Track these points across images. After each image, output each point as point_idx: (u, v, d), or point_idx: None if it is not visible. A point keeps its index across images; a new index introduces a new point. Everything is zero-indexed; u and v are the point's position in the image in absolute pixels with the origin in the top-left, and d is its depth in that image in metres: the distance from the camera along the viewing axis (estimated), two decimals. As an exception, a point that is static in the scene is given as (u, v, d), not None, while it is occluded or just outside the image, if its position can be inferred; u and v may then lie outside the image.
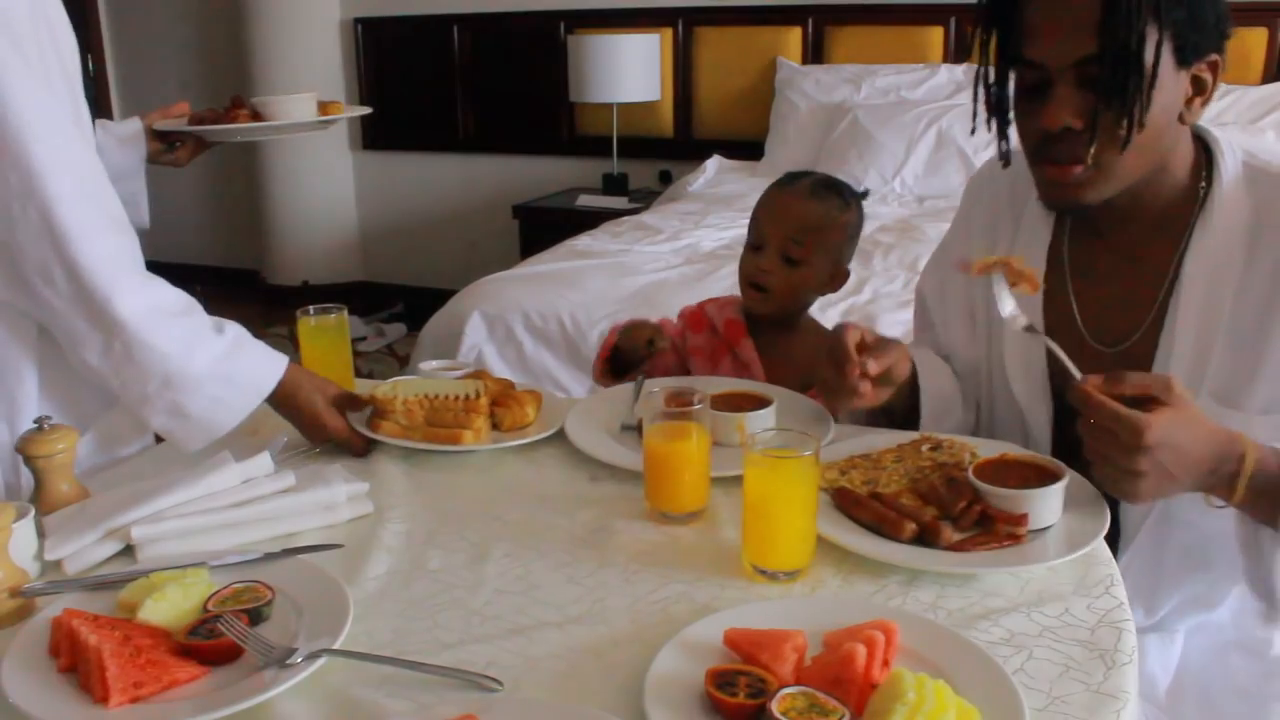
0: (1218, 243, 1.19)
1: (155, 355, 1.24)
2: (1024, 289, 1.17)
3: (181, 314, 1.28)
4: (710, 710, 0.82)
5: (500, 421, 1.39)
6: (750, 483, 1.04)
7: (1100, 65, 1.09)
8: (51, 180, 1.19)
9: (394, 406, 1.35)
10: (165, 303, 1.28)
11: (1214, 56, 1.14)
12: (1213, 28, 1.12)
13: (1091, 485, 1.14)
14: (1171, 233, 1.23)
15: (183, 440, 1.30)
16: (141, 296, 1.24)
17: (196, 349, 1.27)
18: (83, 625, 0.88)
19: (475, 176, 5.01)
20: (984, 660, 0.87)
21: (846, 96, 4.03)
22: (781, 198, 1.64)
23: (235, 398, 1.30)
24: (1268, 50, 3.67)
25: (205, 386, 1.27)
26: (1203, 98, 1.15)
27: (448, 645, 0.94)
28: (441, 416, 1.35)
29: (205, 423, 1.29)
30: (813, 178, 1.66)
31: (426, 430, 1.35)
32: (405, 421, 1.35)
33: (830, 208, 1.61)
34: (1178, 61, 1.11)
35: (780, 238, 1.60)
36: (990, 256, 1.19)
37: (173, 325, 1.26)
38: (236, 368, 1.30)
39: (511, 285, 2.89)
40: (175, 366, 1.25)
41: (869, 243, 3.11)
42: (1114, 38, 1.08)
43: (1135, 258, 1.26)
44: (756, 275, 1.62)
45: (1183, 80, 1.13)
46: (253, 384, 1.31)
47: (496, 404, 1.39)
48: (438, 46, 4.92)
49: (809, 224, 1.60)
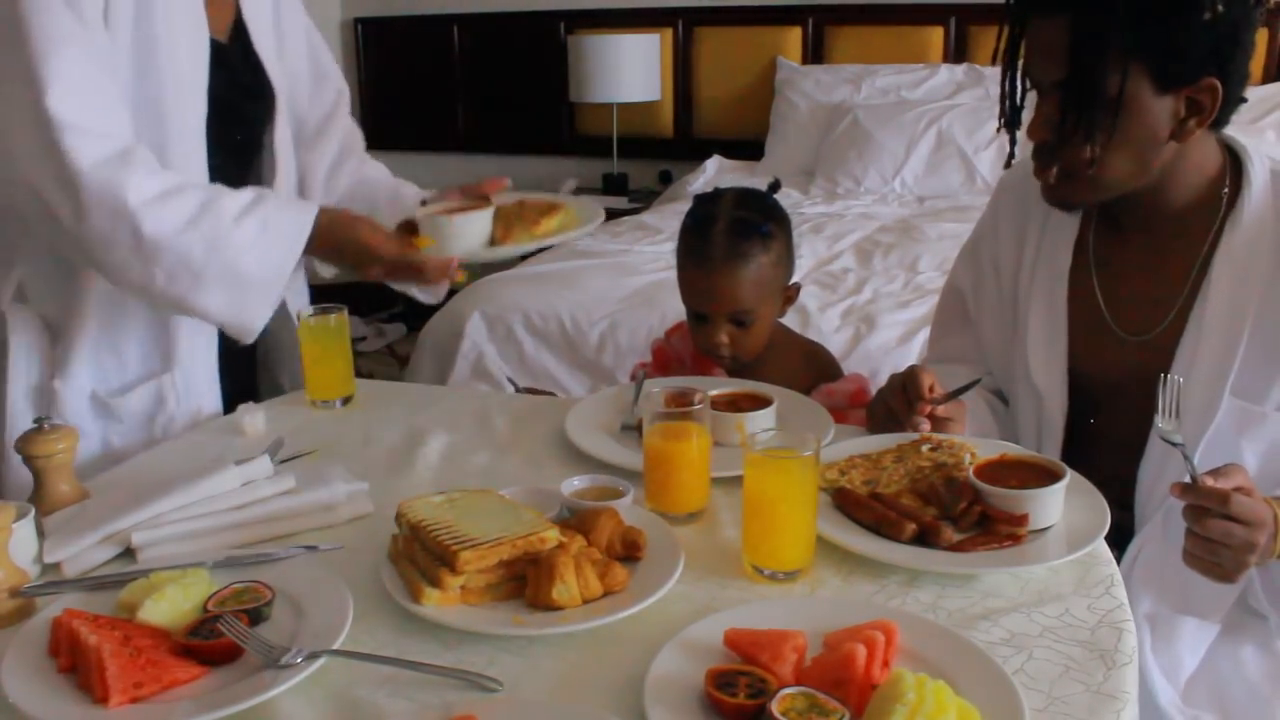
0: (1245, 247, 1.25)
1: (185, 223, 1.29)
2: None
3: (192, 186, 1.33)
4: (710, 710, 0.82)
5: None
6: (750, 483, 1.04)
7: (1066, 90, 1.18)
8: (54, 89, 1.24)
9: (461, 565, 0.95)
10: (171, 183, 1.32)
11: (1209, 80, 1.18)
12: (1206, 55, 1.16)
13: (1091, 485, 1.15)
14: (1197, 233, 1.29)
15: (248, 317, 1.36)
16: (150, 183, 1.29)
17: (225, 201, 1.32)
18: (83, 625, 0.88)
19: (475, 176, 4.96)
20: (984, 660, 0.87)
21: (846, 96, 4.03)
22: (701, 276, 1.56)
23: (279, 246, 1.34)
24: (1268, 50, 3.68)
25: (250, 235, 1.31)
26: (1199, 119, 1.20)
27: (448, 645, 0.94)
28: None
29: (263, 280, 1.34)
30: (722, 229, 1.54)
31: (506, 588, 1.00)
32: (480, 583, 0.98)
33: (753, 259, 1.53)
34: (1159, 88, 1.18)
35: (720, 313, 1.56)
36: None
37: (189, 195, 1.31)
38: (269, 214, 1.34)
39: (511, 285, 2.89)
40: (208, 226, 1.29)
41: (869, 243, 3.11)
42: (1079, 65, 1.17)
43: (1159, 254, 1.31)
44: (716, 349, 1.58)
45: (1168, 104, 1.19)
46: (295, 225, 1.35)
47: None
48: (437, 46, 4.92)
49: (742, 292, 1.54)
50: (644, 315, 2.61)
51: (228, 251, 1.32)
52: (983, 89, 3.84)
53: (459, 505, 1.05)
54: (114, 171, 1.27)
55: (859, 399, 1.58)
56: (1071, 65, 1.17)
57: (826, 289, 2.71)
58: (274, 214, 1.36)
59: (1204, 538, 1.06)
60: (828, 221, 3.34)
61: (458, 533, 0.98)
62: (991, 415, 1.46)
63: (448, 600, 0.96)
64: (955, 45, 4.11)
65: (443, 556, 0.96)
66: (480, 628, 0.94)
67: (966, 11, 4.05)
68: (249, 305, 1.37)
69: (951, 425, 1.29)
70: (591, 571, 0.97)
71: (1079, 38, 1.16)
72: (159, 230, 1.29)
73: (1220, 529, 1.05)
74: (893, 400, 1.29)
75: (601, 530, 1.04)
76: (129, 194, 1.27)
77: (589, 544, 1.02)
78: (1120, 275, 1.35)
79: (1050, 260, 1.40)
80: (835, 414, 1.44)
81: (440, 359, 2.70)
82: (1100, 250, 1.37)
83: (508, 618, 0.95)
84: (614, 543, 1.04)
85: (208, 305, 1.35)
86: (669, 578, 0.99)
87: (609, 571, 0.99)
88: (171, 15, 1.39)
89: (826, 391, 1.59)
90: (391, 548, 1.04)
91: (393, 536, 1.05)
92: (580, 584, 0.96)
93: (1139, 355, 1.32)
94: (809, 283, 2.68)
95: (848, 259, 2.99)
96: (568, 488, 1.15)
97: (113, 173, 1.27)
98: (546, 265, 3.06)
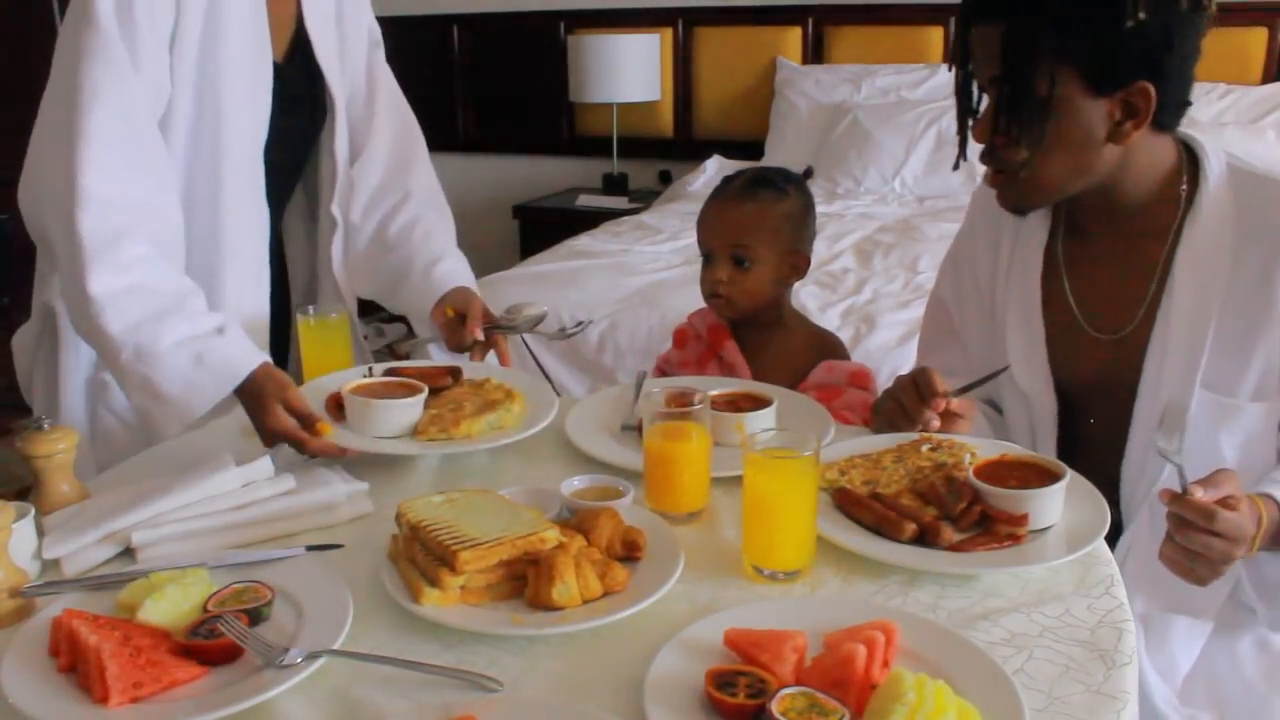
0: (1206, 242, 1.27)
1: (124, 329, 1.32)
2: None
3: (155, 293, 1.35)
4: (710, 710, 0.82)
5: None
6: (750, 483, 1.04)
7: (998, 90, 1.23)
8: (83, 147, 1.32)
9: (461, 565, 0.95)
10: (137, 282, 1.35)
11: (1141, 84, 1.19)
12: (1136, 59, 1.18)
13: (1091, 485, 1.15)
14: (1158, 231, 1.30)
15: (155, 427, 1.35)
16: (123, 277, 1.33)
17: (168, 324, 1.33)
18: (82, 625, 0.88)
19: (475, 176, 5.01)
20: (984, 660, 0.87)
21: (846, 96, 4.03)
22: (715, 207, 1.67)
23: (207, 381, 1.32)
24: (1268, 50, 3.67)
25: (176, 364, 1.32)
26: (1134, 121, 1.22)
27: (448, 645, 0.94)
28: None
29: (179, 406, 1.33)
30: (745, 176, 1.68)
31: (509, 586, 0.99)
32: (480, 583, 0.98)
33: (764, 202, 1.63)
34: (1094, 91, 1.20)
35: (724, 246, 1.63)
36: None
37: (143, 302, 1.34)
38: (210, 349, 1.33)
39: (511, 285, 2.88)
40: (145, 338, 1.32)
41: (869, 243, 3.11)
42: (1009, 67, 1.20)
43: (1124, 254, 1.33)
44: (712, 286, 1.65)
45: (1101, 107, 1.21)
46: (227, 369, 1.33)
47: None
48: (438, 46, 4.91)
49: (746, 225, 1.62)
50: (644, 315, 2.61)
51: (151, 369, 1.34)
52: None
53: (459, 505, 1.05)
54: (94, 252, 1.33)
55: (858, 380, 1.60)
56: (1003, 67, 1.21)
57: (826, 289, 2.71)
58: (215, 352, 1.34)
59: (1183, 545, 1.08)
60: (828, 221, 3.33)
61: (458, 533, 0.98)
62: (987, 421, 1.47)
63: (448, 600, 0.96)
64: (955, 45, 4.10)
65: (443, 556, 0.96)
66: (480, 628, 0.94)
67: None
68: (157, 418, 1.36)
69: (961, 423, 1.30)
70: (591, 571, 0.97)
71: (1010, 41, 1.19)
72: (103, 324, 1.34)
73: (1201, 543, 1.06)
74: (904, 396, 1.30)
75: (601, 530, 1.04)
76: (89, 283, 1.33)
77: (589, 544, 1.02)
78: (1089, 277, 1.37)
79: (1023, 267, 1.41)
80: (831, 390, 1.45)
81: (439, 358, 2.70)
82: (1068, 254, 1.39)
83: (508, 618, 0.95)
84: (614, 543, 1.04)
85: (129, 396, 1.40)
86: (669, 578, 0.99)
87: (609, 571, 0.99)
88: (237, 41, 1.44)
89: (826, 367, 1.62)
90: (391, 548, 1.04)
91: (393, 536, 1.05)
92: (580, 584, 0.96)
93: (1114, 353, 1.33)
94: (809, 283, 2.68)
95: (848, 259, 2.99)
96: (568, 488, 1.15)
97: (91, 253, 1.33)
98: (547, 265, 3.06)
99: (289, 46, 1.58)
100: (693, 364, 1.71)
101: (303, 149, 1.68)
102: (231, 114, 1.47)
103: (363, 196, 1.71)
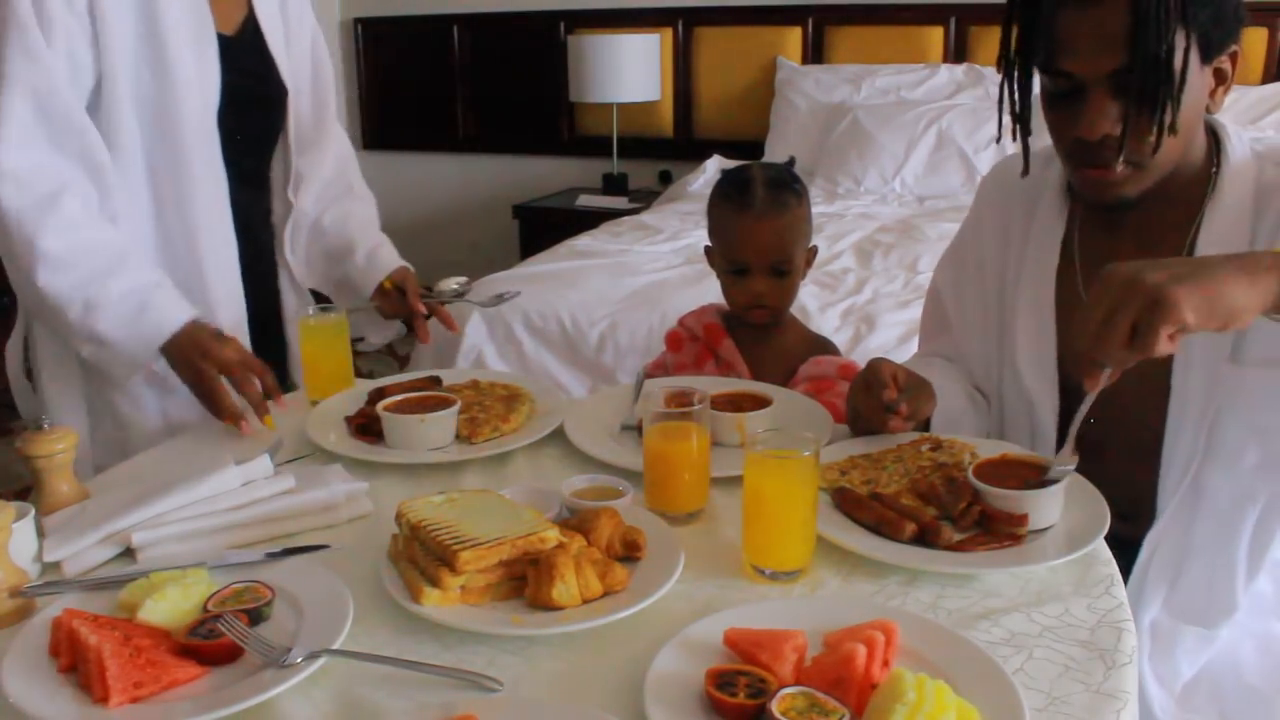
0: (1228, 221, 1.24)
1: (73, 280, 1.41)
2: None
3: (108, 250, 1.44)
4: (710, 710, 0.82)
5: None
6: (750, 483, 1.04)
7: (1131, 76, 1.13)
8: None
9: (461, 566, 0.95)
10: (93, 240, 1.43)
11: (1234, 47, 1.18)
12: (1232, 20, 1.17)
13: (1091, 485, 1.15)
14: (1182, 216, 1.27)
15: (109, 366, 1.48)
16: (69, 234, 1.40)
17: (116, 278, 1.42)
18: (83, 625, 0.88)
19: (475, 176, 5.01)
20: (984, 660, 0.87)
21: (846, 96, 4.03)
22: (749, 224, 1.60)
23: (150, 328, 1.42)
24: (1268, 50, 3.68)
25: (121, 314, 1.42)
26: (1224, 87, 1.21)
27: (448, 645, 0.94)
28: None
29: (126, 350, 1.44)
30: (760, 184, 1.61)
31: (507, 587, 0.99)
32: (480, 583, 0.98)
33: (793, 210, 1.60)
34: (1202, 59, 1.16)
35: (765, 262, 1.60)
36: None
37: (94, 257, 1.42)
38: (152, 300, 1.43)
39: (511, 285, 2.88)
40: (94, 292, 1.41)
41: (869, 243, 3.11)
42: (1144, 50, 1.12)
43: (1147, 244, 1.29)
44: (754, 299, 1.62)
45: (1206, 75, 1.18)
46: (167, 318, 1.43)
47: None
48: (437, 46, 4.92)
49: (786, 239, 1.60)
50: (644, 315, 2.61)
51: (100, 321, 1.43)
52: (983, 89, 3.85)
53: (459, 505, 1.05)
54: (35, 218, 1.40)
55: (847, 373, 1.59)
56: (1136, 47, 1.11)
57: (826, 289, 2.71)
58: (155, 302, 1.45)
59: (1101, 325, 0.98)
60: (828, 221, 3.33)
61: (458, 533, 0.98)
62: (970, 402, 1.43)
63: (448, 600, 0.96)
64: (955, 45, 4.11)
65: (443, 556, 0.96)
66: (480, 628, 0.94)
67: (966, 11, 4.05)
68: (107, 364, 1.49)
69: (921, 410, 1.28)
70: (591, 571, 0.97)
71: (1141, 16, 1.10)
72: (53, 280, 1.41)
73: (1098, 317, 0.98)
74: (858, 399, 1.28)
75: (601, 530, 1.04)
76: (38, 242, 1.40)
77: (589, 544, 1.02)
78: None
79: (1036, 261, 1.37)
80: (821, 382, 1.44)
81: (440, 359, 2.70)
82: (1085, 250, 1.34)
83: (507, 618, 0.95)
84: (614, 543, 1.04)
85: (78, 349, 1.50)
86: (669, 578, 0.99)
87: (609, 571, 0.99)
88: (175, 12, 1.49)
89: (815, 361, 1.63)
90: (391, 548, 1.04)
91: (393, 536, 1.05)
92: (580, 584, 0.96)
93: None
94: (809, 282, 2.68)
95: (848, 259, 2.99)
96: (568, 488, 1.15)
97: (33, 220, 1.40)
98: (546, 265, 3.06)
99: (241, 23, 1.63)
100: (690, 365, 1.71)
101: (266, 123, 1.72)
102: (183, 81, 1.51)
103: (315, 186, 1.79)
